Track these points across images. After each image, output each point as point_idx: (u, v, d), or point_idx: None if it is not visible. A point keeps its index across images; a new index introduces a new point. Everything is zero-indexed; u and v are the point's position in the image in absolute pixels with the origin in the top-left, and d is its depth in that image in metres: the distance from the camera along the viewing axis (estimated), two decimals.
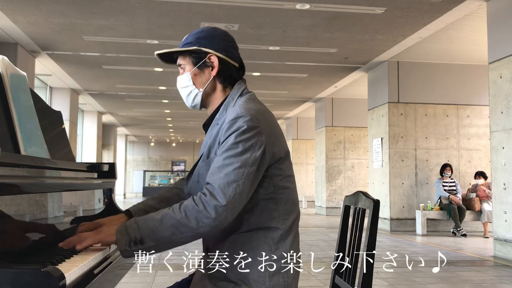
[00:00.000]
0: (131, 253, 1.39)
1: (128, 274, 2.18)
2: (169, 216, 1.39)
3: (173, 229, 1.37)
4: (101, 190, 2.12)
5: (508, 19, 6.16)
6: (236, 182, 1.39)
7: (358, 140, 13.83)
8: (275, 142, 1.51)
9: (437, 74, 9.76)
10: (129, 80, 11.88)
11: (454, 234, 8.82)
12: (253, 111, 1.48)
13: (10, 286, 1.06)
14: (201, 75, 1.61)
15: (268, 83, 11.95)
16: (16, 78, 1.78)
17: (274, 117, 1.60)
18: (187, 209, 1.39)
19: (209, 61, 1.59)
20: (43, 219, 1.48)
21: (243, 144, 1.43)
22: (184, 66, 1.63)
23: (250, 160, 1.42)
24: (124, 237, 1.38)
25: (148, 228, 1.38)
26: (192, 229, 1.37)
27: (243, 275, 1.48)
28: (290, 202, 1.56)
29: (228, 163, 1.41)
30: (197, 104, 1.65)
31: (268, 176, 1.50)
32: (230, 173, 1.40)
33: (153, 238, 1.38)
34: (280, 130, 1.59)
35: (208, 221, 1.36)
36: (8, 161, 1.29)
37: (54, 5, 6.75)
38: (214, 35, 1.63)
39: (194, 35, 1.63)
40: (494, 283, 4.78)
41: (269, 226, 1.51)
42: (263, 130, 1.47)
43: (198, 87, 1.62)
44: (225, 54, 1.60)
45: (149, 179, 29.85)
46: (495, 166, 6.35)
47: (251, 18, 7.23)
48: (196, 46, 1.60)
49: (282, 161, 1.54)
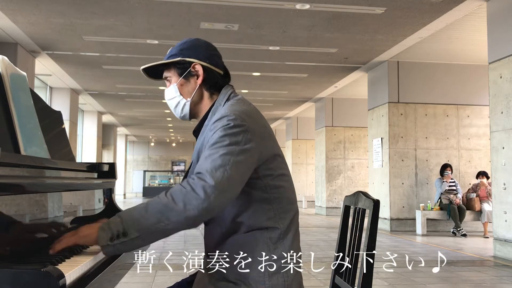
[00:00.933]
0: (113, 248, 1.33)
1: (128, 274, 2.18)
2: (154, 202, 1.36)
3: (158, 215, 1.32)
4: (101, 190, 2.13)
5: (508, 19, 6.16)
6: (223, 167, 1.37)
7: (358, 140, 13.83)
8: (263, 142, 1.51)
9: (437, 74, 9.76)
10: (129, 80, 11.88)
11: (454, 234, 8.81)
12: (238, 112, 1.49)
13: (10, 286, 1.06)
14: (187, 85, 1.63)
15: (268, 83, 11.95)
16: (16, 78, 1.78)
17: (262, 118, 1.60)
18: (174, 193, 1.36)
19: (194, 70, 1.62)
20: (43, 219, 1.48)
21: (229, 137, 1.42)
22: (170, 78, 1.66)
23: (237, 149, 1.41)
24: (105, 232, 1.33)
25: (131, 218, 1.34)
26: (179, 212, 1.32)
27: (242, 275, 1.48)
28: (286, 201, 1.55)
29: (214, 152, 1.41)
30: (186, 114, 1.67)
31: (258, 177, 1.50)
32: (217, 158, 1.39)
33: (137, 227, 1.32)
34: (269, 130, 1.59)
35: (197, 202, 1.32)
36: (8, 161, 1.29)
37: (54, 5, 6.75)
38: (196, 45, 1.65)
39: (177, 48, 1.66)
40: (494, 283, 4.78)
41: (267, 226, 1.51)
42: (249, 129, 1.46)
43: (185, 97, 1.64)
44: (209, 62, 1.63)
45: (149, 179, 29.85)
46: (495, 166, 6.35)
47: (251, 18, 7.23)
48: (180, 57, 1.62)
49: (271, 161, 1.53)
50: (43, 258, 1.31)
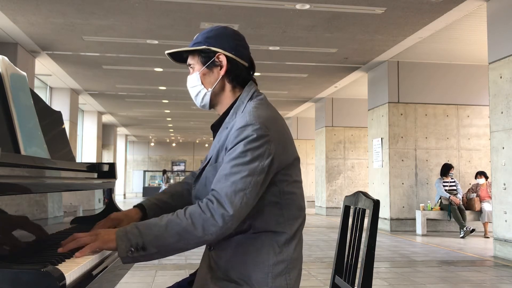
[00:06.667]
0: (131, 259, 1.36)
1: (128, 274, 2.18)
2: (174, 222, 1.37)
3: (178, 236, 1.36)
4: (101, 190, 2.12)
5: (508, 19, 6.16)
6: (243, 191, 1.38)
7: (358, 140, 13.83)
8: (284, 150, 1.50)
9: (437, 74, 9.76)
10: (129, 80, 11.88)
11: (463, 236, 8.45)
12: (262, 119, 1.47)
13: (10, 286, 1.06)
14: (209, 75, 1.61)
15: (268, 83, 11.95)
16: (16, 78, 1.78)
17: (283, 122, 1.59)
18: (194, 216, 1.37)
19: (218, 60, 1.59)
20: (43, 219, 1.48)
21: (251, 152, 1.41)
22: (194, 65, 1.63)
23: (258, 169, 1.41)
24: (124, 243, 1.34)
25: (151, 234, 1.36)
26: (198, 237, 1.36)
27: (246, 276, 1.48)
28: (296, 208, 1.55)
29: (235, 171, 1.40)
30: (206, 104, 1.65)
31: (274, 182, 1.49)
32: (238, 181, 1.39)
33: (156, 244, 1.35)
34: (290, 135, 1.58)
35: (215, 229, 1.36)
36: (8, 161, 1.29)
37: (54, 5, 6.75)
38: (223, 34, 1.62)
39: (203, 35, 1.63)
40: (494, 283, 4.79)
41: (275, 230, 1.51)
42: (272, 138, 1.45)
43: (206, 87, 1.62)
44: (234, 53, 1.60)
45: (149, 179, 29.86)
46: (495, 166, 6.35)
47: (251, 18, 7.23)
48: (205, 45, 1.59)
49: (289, 167, 1.53)
50: (43, 258, 1.31)
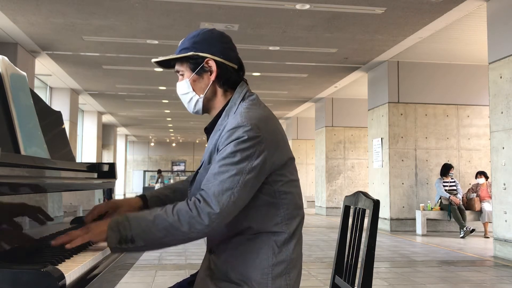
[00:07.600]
0: (120, 250, 1.41)
1: (128, 274, 2.18)
2: (162, 218, 1.39)
3: (164, 231, 1.38)
4: (101, 190, 2.12)
5: (508, 19, 6.16)
6: (231, 190, 1.38)
7: (358, 140, 13.83)
8: (277, 150, 1.49)
9: (437, 74, 9.76)
10: (129, 80, 11.88)
11: (463, 236, 8.45)
12: (254, 120, 1.46)
13: (10, 286, 1.06)
14: (200, 81, 1.59)
15: (268, 83, 11.95)
16: (16, 78, 1.78)
17: (277, 122, 1.58)
18: (180, 213, 1.39)
19: (207, 65, 1.57)
20: (43, 219, 1.48)
21: (241, 153, 1.41)
22: (183, 72, 1.61)
23: (247, 168, 1.41)
24: (115, 234, 1.38)
25: (139, 228, 1.39)
26: (184, 233, 1.38)
27: (245, 277, 1.48)
28: (293, 207, 1.54)
29: (224, 170, 1.40)
30: (199, 110, 1.64)
31: (268, 182, 1.49)
32: (225, 180, 1.39)
33: (144, 238, 1.38)
34: (283, 135, 1.57)
35: (201, 227, 1.37)
36: (8, 161, 1.29)
37: (54, 5, 6.75)
38: (210, 38, 1.59)
39: (190, 40, 1.60)
40: (494, 283, 4.79)
41: (273, 230, 1.51)
42: (264, 139, 1.45)
43: (198, 93, 1.60)
44: (223, 57, 1.58)
45: (149, 179, 29.85)
46: (495, 166, 6.35)
47: (251, 18, 7.23)
48: (192, 51, 1.57)
49: (284, 167, 1.52)
50: (43, 258, 1.31)
